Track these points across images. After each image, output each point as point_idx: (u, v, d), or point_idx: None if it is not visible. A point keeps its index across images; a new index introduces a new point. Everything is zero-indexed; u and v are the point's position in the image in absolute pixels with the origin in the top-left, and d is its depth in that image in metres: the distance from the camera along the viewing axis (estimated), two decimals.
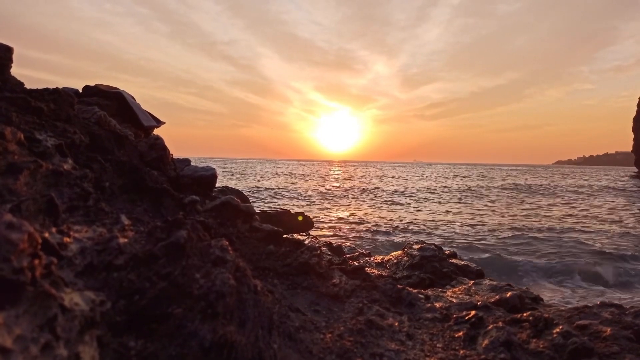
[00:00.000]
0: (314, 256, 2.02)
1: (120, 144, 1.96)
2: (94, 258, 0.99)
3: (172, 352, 0.87)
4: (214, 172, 2.23)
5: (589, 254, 8.21)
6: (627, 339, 1.57)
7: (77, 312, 0.73)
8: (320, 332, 1.42)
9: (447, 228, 11.27)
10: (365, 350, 1.35)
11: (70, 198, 1.31)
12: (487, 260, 7.65)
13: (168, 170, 2.15)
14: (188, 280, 1.04)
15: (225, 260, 1.21)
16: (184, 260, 1.09)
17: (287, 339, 1.31)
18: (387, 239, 9.84)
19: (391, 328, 1.61)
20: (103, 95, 2.43)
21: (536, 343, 1.53)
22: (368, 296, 1.92)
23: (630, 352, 1.48)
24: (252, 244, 1.96)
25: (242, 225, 2.02)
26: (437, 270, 3.80)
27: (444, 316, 1.87)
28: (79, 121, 1.85)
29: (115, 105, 2.44)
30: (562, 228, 11.27)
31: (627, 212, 14.73)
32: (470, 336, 1.61)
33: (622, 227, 11.30)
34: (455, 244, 8.89)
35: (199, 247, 1.20)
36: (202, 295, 1.01)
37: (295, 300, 1.67)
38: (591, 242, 9.34)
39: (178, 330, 0.92)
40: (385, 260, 4.42)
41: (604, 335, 1.60)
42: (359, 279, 2.08)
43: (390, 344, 1.45)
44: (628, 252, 8.30)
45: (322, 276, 1.96)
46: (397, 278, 3.74)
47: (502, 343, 1.50)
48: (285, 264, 1.91)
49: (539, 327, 1.63)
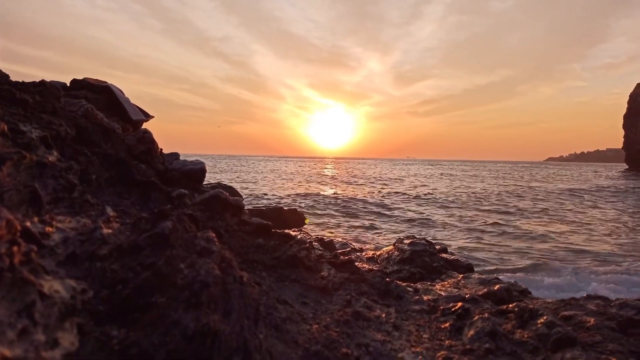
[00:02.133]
0: (302, 249, 2.03)
1: (107, 137, 1.95)
2: (77, 248, 0.99)
3: (155, 340, 0.87)
4: (202, 166, 2.22)
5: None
6: (610, 328, 1.60)
7: (56, 299, 0.73)
8: (307, 323, 1.43)
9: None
10: (352, 341, 1.36)
11: (54, 189, 1.30)
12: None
13: (156, 163, 2.14)
14: (172, 270, 1.04)
15: (210, 251, 1.21)
16: (169, 250, 1.09)
17: (273, 330, 1.31)
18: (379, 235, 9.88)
19: (378, 319, 1.62)
20: (91, 88, 2.42)
21: (521, 333, 1.55)
22: (356, 289, 1.93)
23: (613, 342, 1.50)
24: (241, 237, 1.96)
25: (231, 219, 2.02)
26: (428, 264, 3.83)
27: (431, 308, 1.88)
28: (65, 114, 1.83)
29: (103, 99, 2.43)
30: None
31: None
32: (456, 327, 1.63)
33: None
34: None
35: (185, 238, 1.20)
36: (186, 285, 1.01)
37: (283, 293, 1.68)
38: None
39: (161, 319, 0.92)
40: (376, 255, 4.44)
41: (587, 325, 1.62)
42: (348, 272, 2.09)
43: (376, 335, 1.46)
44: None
45: (311, 269, 1.97)
46: (387, 272, 3.76)
47: (487, 333, 1.51)
48: (274, 257, 1.91)
49: (524, 317, 1.65)
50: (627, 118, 70.09)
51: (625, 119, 70.37)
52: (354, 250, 5.43)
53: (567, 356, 1.37)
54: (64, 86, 2.40)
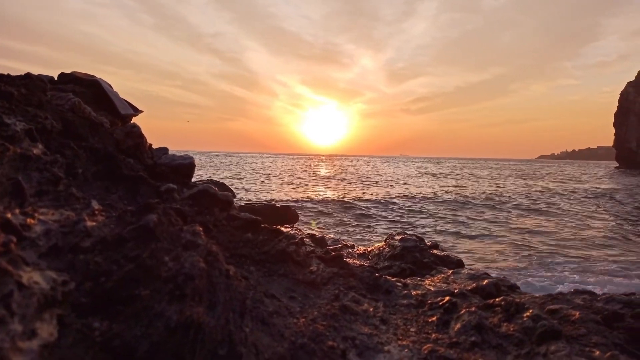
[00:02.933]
0: (291, 244, 2.03)
1: (95, 131, 1.93)
2: (59, 240, 0.98)
3: (137, 332, 0.87)
4: (191, 161, 2.21)
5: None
6: (594, 322, 1.61)
7: (35, 290, 0.72)
8: (294, 317, 1.43)
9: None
10: (338, 334, 1.36)
11: (39, 182, 1.29)
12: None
13: (145, 158, 2.13)
14: (157, 263, 1.04)
15: (196, 244, 1.20)
16: (153, 243, 1.09)
17: (259, 323, 1.31)
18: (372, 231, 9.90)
19: (366, 313, 1.63)
20: (79, 82, 2.40)
21: (507, 326, 1.56)
22: (345, 283, 1.93)
23: (597, 334, 1.51)
24: (230, 231, 1.96)
25: (220, 214, 2.01)
26: (418, 260, 3.84)
27: (419, 302, 1.89)
28: (51, 107, 1.82)
29: (91, 93, 2.41)
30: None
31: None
32: (443, 321, 1.64)
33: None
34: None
35: (170, 232, 1.20)
36: (170, 278, 1.01)
37: (271, 287, 1.67)
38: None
39: (144, 312, 0.92)
40: (367, 251, 4.44)
41: (572, 318, 1.64)
42: (337, 267, 2.09)
43: (363, 328, 1.47)
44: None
45: (300, 264, 1.97)
46: (378, 268, 3.77)
47: (473, 326, 1.52)
48: (263, 252, 1.91)
49: (511, 311, 1.66)
50: (617, 116, 70.74)
51: (616, 117, 71.02)
52: (345, 247, 5.43)
53: (551, 348, 1.38)
54: (51, 80, 2.37)
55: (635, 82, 68.16)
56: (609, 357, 1.31)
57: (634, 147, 65.53)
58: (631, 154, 66.37)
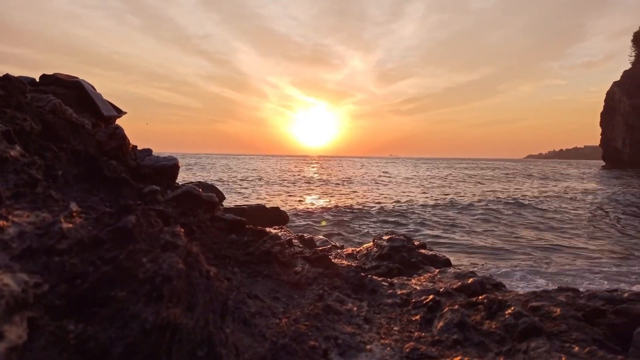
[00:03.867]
0: (276, 245, 2.03)
1: (76, 132, 1.92)
2: (34, 242, 0.97)
3: (112, 334, 0.86)
4: (175, 162, 2.20)
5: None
6: (575, 318, 1.63)
7: (4, 293, 0.71)
8: (276, 317, 1.43)
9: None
10: (320, 334, 1.36)
11: (16, 184, 1.28)
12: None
13: (128, 160, 2.11)
14: (134, 264, 1.03)
15: (176, 245, 1.20)
16: (131, 245, 1.08)
17: (241, 324, 1.31)
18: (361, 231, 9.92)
19: (349, 313, 1.63)
20: (61, 84, 2.37)
21: (489, 324, 1.57)
22: (329, 283, 1.93)
23: (577, 330, 1.53)
24: (214, 233, 1.95)
25: (204, 215, 2.00)
26: (406, 260, 3.86)
27: (403, 301, 1.90)
28: (31, 109, 1.80)
29: (74, 94, 2.39)
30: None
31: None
32: (426, 319, 1.65)
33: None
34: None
35: (149, 233, 1.19)
36: (148, 279, 1.00)
37: (254, 288, 1.67)
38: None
39: (120, 313, 0.91)
40: (355, 252, 4.45)
41: (554, 315, 1.66)
42: (322, 267, 2.09)
43: (346, 328, 1.47)
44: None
45: (285, 264, 1.97)
46: (366, 268, 3.78)
47: (455, 324, 1.53)
48: (247, 253, 1.90)
49: (493, 309, 1.67)
50: (603, 116, 71.67)
51: (602, 116, 71.95)
52: (334, 247, 5.43)
53: (532, 345, 1.40)
54: (32, 81, 2.35)
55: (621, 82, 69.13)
56: (588, 352, 1.33)
57: (620, 146, 66.46)
58: (617, 153, 67.28)
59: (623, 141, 65.93)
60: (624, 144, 65.81)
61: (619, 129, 66.70)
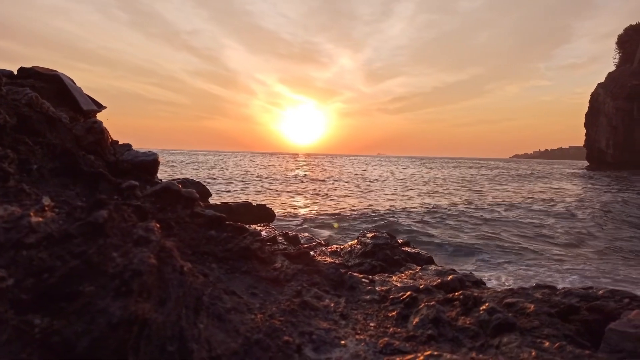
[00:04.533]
0: (256, 241, 2.03)
1: (53, 126, 1.89)
2: (1, 236, 0.96)
3: (78, 328, 0.86)
4: (155, 157, 2.18)
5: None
6: (548, 314, 1.66)
7: None
8: (252, 313, 1.43)
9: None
10: (295, 329, 1.37)
11: None
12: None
13: (106, 154, 2.09)
14: (104, 259, 1.02)
15: (149, 240, 1.19)
16: (102, 239, 1.07)
17: (215, 320, 1.30)
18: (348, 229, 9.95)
19: (326, 309, 1.64)
20: (39, 77, 2.34)
21: (464, 320, 1.59)
22: (309, 280, 1.94)
23: (549, 326, 1.56)
24: (193, 229, 1.94)
25: (183, 211, 1.99)
26: (389, 257, 3.88)
27: (382, 298, 1.91)
28: (6, 102, 1.77)
29: (52, 88, 2.35)
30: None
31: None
32: (402, 315, 1.66)
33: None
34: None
35: (122, 228, 1.18)
36: (117, 274, 0.99)
37: (232, 284, 1.67)
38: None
39: (87, 308, 0.90)
40: (339, 249, 4.47)
41: (527, 311, 1.68)
42: (302, 264, 2.09)
43: (322, 324, 1.48)
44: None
45: (264, 261, 1.97)
46: (349, 265, 3.79)
47: (431, 320, 1.55)
48: (226, 249, 1.90)
49: (469, 305, 1.69)
50: (588, 117, 72.76)
51: (587, 117, 73.04)
52: (319, 245, 5.44)
53: (504, 340, 1.42)
54: (10, 74, 2.31)
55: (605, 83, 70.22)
56: (557, 347, 1.35)
57: (604, 147, 67.56)
58: (601, 154, 68.39)
59: (607, 142, 67.03)
60: (607, 145, 66.92)
61: (603, 130, 67.79)
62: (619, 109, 64.44)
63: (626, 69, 70.82)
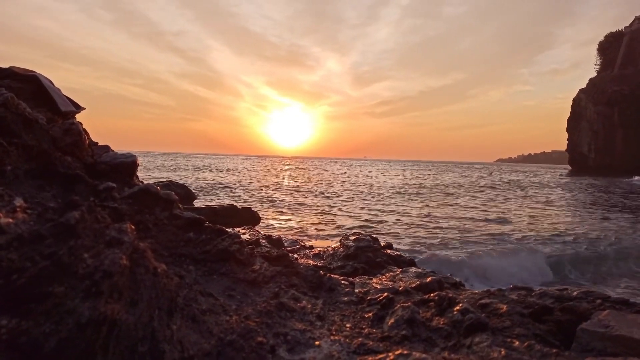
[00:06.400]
0: (234, 243, 2.03)
1: (29, 127, 1.87)
2: None
3: (46, 329, 0.86)
4: (134, 159, 2.18)
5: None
6: (519, 314, 1.70)
7: None
8: (227, 314, 1.44)
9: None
10: (270, 330, 1.38)
11: None
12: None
13: (84, 156, 2.08)
14: (74, 260, 1.02)
15: (121, 241, 1.19)
16: (73, 240, 1.07)
17: (190, 321, 1.31)
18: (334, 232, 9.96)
19: (303, 310, 1.65)
20: (16, 78, 2.31)
21: (438, 320, 1.62)
22: (287, 282, 1.95)
23: (520, 326, 1.59)
24: (171, 231, 1.94)
25: (161, 213, 1.99)
26: (371, 260, 3.91)
27: (359, 299, 1.93)
28: None
29: (29, 89, 2.33)
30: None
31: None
32: (379, 316, 1.68)
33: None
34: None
35: (94, 229, 1.18)
36: (88, 275, 0.99)
37: (209, 286, 1.67)
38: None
39: (56, 309, 0.90)
40: (322, 252, 4.48)
41: (500, 312, 1.72)
42: (281, 266, 2.10)
43: (297, 325, 1.49)
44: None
45: (243, 263, 1.97)
46: (331, 268, 3.81)
47: (405, 321, 1.57)
48: (204, 251, 1.90)
49: (443, 306, 1.72)
50: (570, 122, 74.07)
51: (569, 122, 74.35)
52: (303, 248, 5.44)
53: (475, 340, 1.45)
54: None
55: (587, 89, 71.63)
56: (526, 346, 1.38)
57: (586, 152, 68.84)
58: (583, 158, 69.69)
59: (589, 147, 68.31)
60: (589, 150, 68.19)
61: (585, 135, 69.09)
62: (600, 114, 65.77)
63: (607, 75, 72.34)
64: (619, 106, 64.36)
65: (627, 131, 63.37)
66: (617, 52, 74.65)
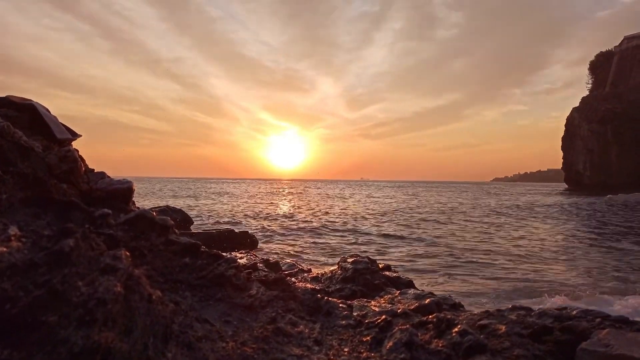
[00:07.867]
0: (231, 268, 2.02)
1: (25, 155, 1.88)
2: None
3: (39, 359, 0.85)
4: (130, 185, 2.18)
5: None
6: (518, 335, 1.68)
7: None
8: (223, 341, 1.42)
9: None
10: (267, 356, 1.36)
11: None
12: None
13: (80, 183, 2.08)
14: (68, 288, 1.02)
15: (115, 268, 1.19)
16: (67, 268, 1.07)
17: (185, 348, 1.29)
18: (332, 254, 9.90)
19: (300, 335, 1.63)
20: (13, 106, 2.33)
21: (437, 342, 1.60)
22: (284, 306, 1.93)
23: (519, 347, 1.58)
24: (167, 257, 1.93)
25: (157, 239, 1.98)
26: (369, 282, 3.88)
27: (357, 323, 1.91)
28: None
29: (26, 117, 2.35)
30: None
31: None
32: (377, 340, 1.66)
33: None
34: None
35: (89, 256, 1.18)
36: (81, 303, 0.99)
37: (205, 312, 1.66)
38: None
39: (49, 338, 0.89)
40: (320, 275, 4.45)
41: (499, 332, 1.70)
42: (278, 290, 2.09)
43: (294, 350, 1.47)
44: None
45: (239, 288, 1.96)
46: (330, 291, 3.78)
47: (404, 344, 1.56)
48: (200, 277, 1.89)
49: (442, 327, 1.71)
50: (564, 140, 74.73)
51: (563, 141, 75.01)
52: (301, 271, 5.40)
53: None
54: None
55: (580, 108, 72.53)
56: None
57: (581, 170, 69.25)
58: (579, 176, 70.04)
59: (584, 165, 68.74)
60: (584, 167, 68.60)
61: (580, 153, 69.60)
62: (594, 132, 66.43)
63: (599, 94, 73.38)
64: (612, 124, 65.07)
65: (622, 148, 63.95)
66: (608, 71, 75.94)
